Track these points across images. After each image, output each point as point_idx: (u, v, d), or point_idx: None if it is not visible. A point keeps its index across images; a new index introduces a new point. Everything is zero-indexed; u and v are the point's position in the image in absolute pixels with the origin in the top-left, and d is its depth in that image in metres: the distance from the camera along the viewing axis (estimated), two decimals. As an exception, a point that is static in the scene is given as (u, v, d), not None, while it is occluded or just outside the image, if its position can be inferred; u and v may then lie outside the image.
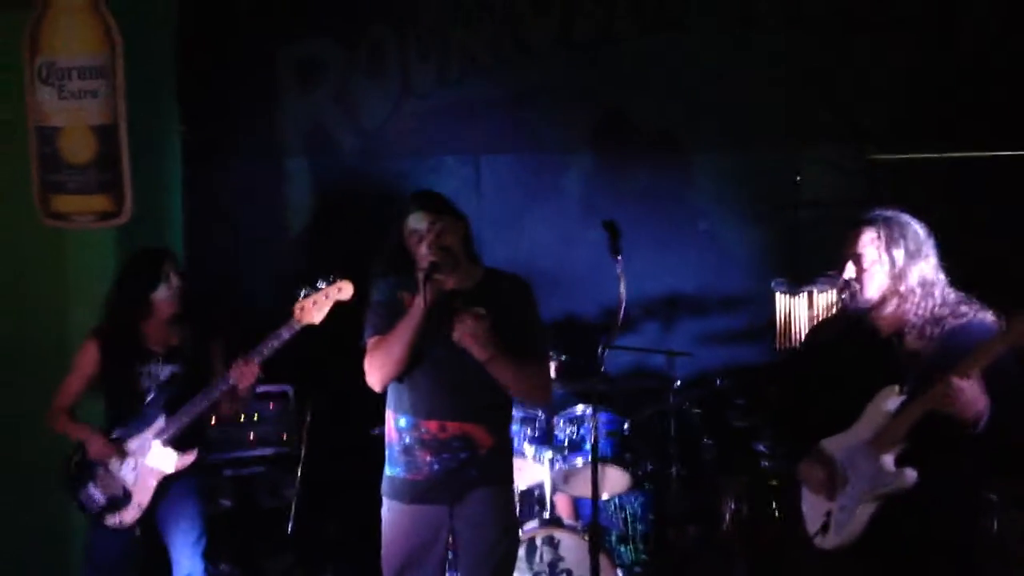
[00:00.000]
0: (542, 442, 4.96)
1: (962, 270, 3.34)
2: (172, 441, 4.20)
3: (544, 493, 4.85)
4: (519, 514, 4.39)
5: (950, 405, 2.99)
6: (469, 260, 3.65)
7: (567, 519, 4.89)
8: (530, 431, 4.98)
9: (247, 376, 4.12)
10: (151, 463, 4.21)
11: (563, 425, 5.01)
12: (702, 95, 5.61)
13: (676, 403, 5.19)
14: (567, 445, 4.95)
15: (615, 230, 3.67)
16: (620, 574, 4.65)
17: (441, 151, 5.88)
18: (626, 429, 5.07)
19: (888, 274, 3.23)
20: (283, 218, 6.00)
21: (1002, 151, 5.25)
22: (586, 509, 5.08)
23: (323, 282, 4.01)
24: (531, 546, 4.61)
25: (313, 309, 4.02)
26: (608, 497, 5.09)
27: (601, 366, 4.06)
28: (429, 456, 3.57)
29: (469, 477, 3.58)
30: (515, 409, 4.16)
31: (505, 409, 3.70)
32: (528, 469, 4.85)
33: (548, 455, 4.84)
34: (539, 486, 4.93)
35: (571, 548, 4.62)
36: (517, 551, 3.83)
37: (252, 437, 5.34)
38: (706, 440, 5.29)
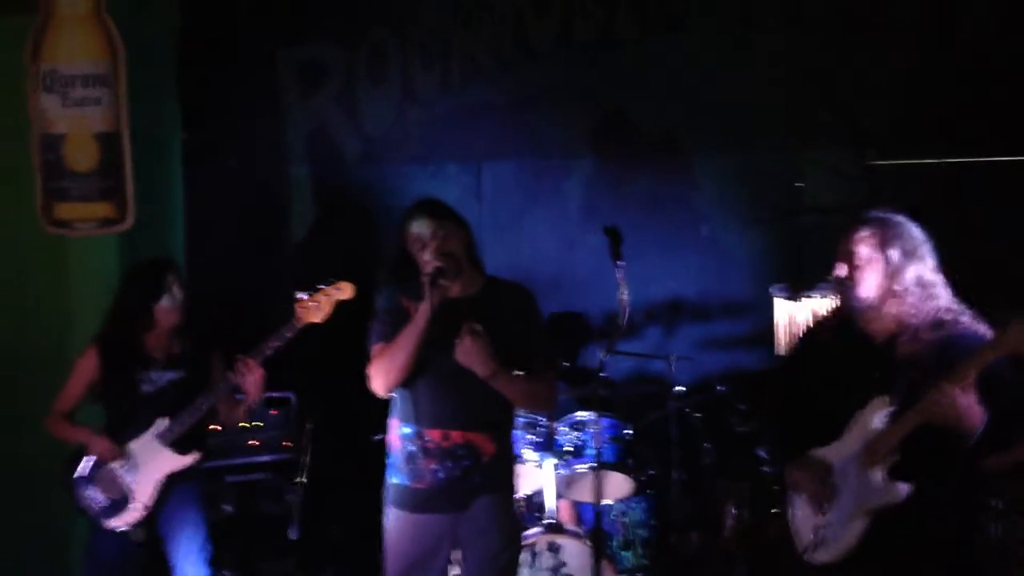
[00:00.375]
0: (544, 448, 4.96)
1: (962, 274, 3.32)
2: (173, 443, 4.22)
3: (546, 499, 4.85)
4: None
5: (943, 417, 2.95)
6: (472, 267, 3.66)
7: (569, 525, 4.89)
8: (532, 437, 4.98)
9: (253, 382, 4.13)
10: (152, 465, 4.21)
11: (565, 431, 5.01)
12: (703, 98, 5.61)
13: (677, 408, 5.19)
14: (569, 451, 4.95)
15: (616, 236, 3.68)
16: (622, 580, 4.65)
17: (443, 157, 5.89)
18: (628, 434, 5.07)
19: (882, 273, 3.18)
20: (285, 223, 6.01)
21: (1003, 155, 5.25)
22: (588, 515, 5.07)
23: (323, 284, 4.06)
24: (533, 552, 4.61)
25: (315, 308, 4.06)
26: (611, 503, 5.09)
27: (603, 371, 4.06)
28: (433, 464, 3.57)
29: (472, 485, 3.58)
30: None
31: (508, 417, 3.70)
32: (530, 475, 4.84)
33: (550, 461, 4.83)
34: (541, 492, 4.93)
35: (573, 554, 4.62)
36: (519, 558, 3.83)
37: (254, 443, 5.34)
38: (707, 445, 5.28)
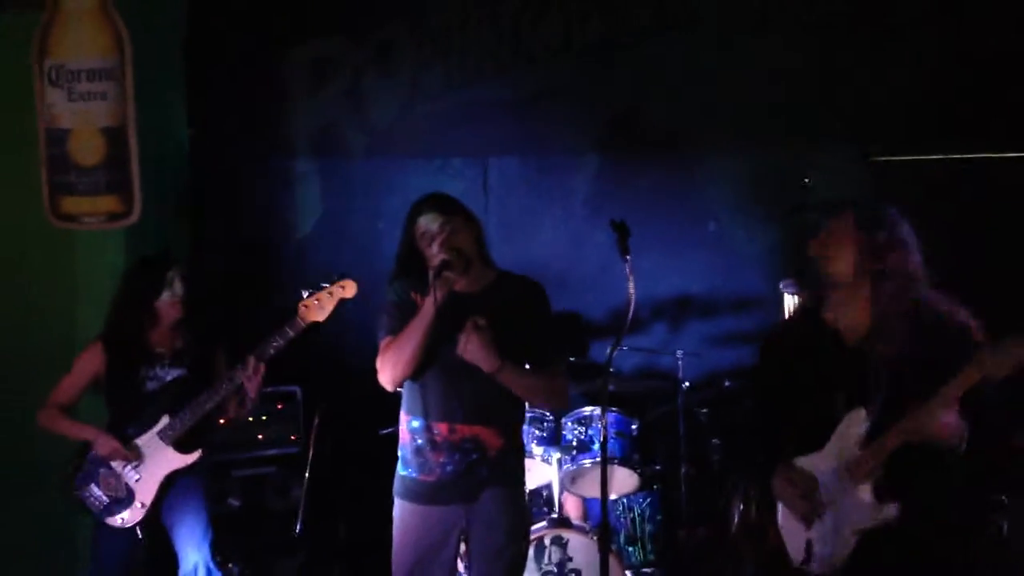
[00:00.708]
0: (550, 443, 4.97)
1: (966, 269, 3.30)
2: (176, 441, 4.22)
3: (552, 493, 4.85)
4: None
5: (925, 437, 2.93)
6: (482, 262, 3.65)
7: (576, 519, 4.89)
8: (538, 431, 4.99)
9: (254, 379, 4.13)
10: (155, 463, 4.23)
11: (571, 426, 5.02)
12: (709, 95, 5.61)
13: (685, 404, 5.19)
14: (575, 446, 4.96)
15: (624, 230, 3.67)
16: (628, 575, 4.64)
17: (449, 153, 5.88)
18: (634, 430, 5.07)
19: (860, 252, 3.11)
20: (292, 218, 6.01)
21: (1008, 151, 5.24)
22: (594, 509, 5.08)
23: (326, 282, 4.06)
24: (539, 546, 4.62)
25: (317, 307, 4.06)
26: (616, 498, 5.09)
27: (610, 367, 4.06)
28: (441, 457, 3.58)
29: (480, 478, 3.58)
30: (523, 410, 4.16)
31: (516, 411, 3.70)
32: (536, 469, 4.85)
33: (556, 455, 4.84)
34: (547, 486, 4.94)
35: (579, 548, 4.63)
36: (527, 553, 3.83)
37: (260, 438, 5.34)
38: (715, 441, 5.29)
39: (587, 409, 5.04)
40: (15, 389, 5.01)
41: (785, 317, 4.81)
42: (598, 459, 4.58)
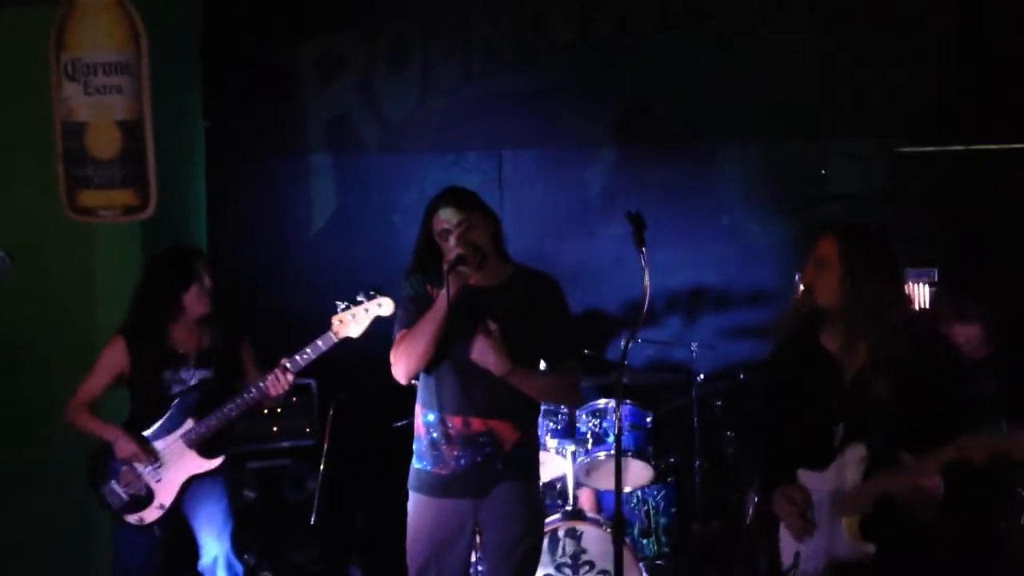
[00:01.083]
0: (564, 435, 4.97)
1: (985, 260, 3.28)
2: (199, 445, 4.19)
3: (567, 486, 4.86)
4: (541, 507, 4.40)
5: (907, 496, 2.93)
6: (499, 258, 3.66)
7: (590, 512, 4.90)
8: (552, 424, 4.99)
9: (279, 387, 4.09)
10: (177, 466, 4.19)
11: (585, 418, 5.02)
12: (725, 87, 5.59)
13: (699, 396, 5.19)
14: (590, 438, 4.96)
15: (640, 222, 3.67)
16: (642, 567, 4.65)
17: (464, 146, 5.89)
18: (649, 422, 5.07)
19: (839, 282, 3.05)
20: (306, 212, 6.02)
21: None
22: (608, 502, 5.08)
23: (363, 296, 3.96)
24: (553, 538, 4.62)
25: (352, 322, 3.97)
26: (631, 490, 5.09)
27: (624, 359, 4.06)
28: (455, 451, 3.58)
29: (494, 471, 3.58)
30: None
31: (531, 405, 3.69)
32: (551, 462, 4.86)
33: (571, 448, 4.84)
34: (561, 479, 4.94)
35: (593, 540, 4.63)
36: (541, 546, 3.83)
37: (276, 430, 5.36)
38: (729, 433, 5.28)
39: (601, 401, 5.04)
40: (34, 382, 5.04)
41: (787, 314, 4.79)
42: (612, 451, 4.58)
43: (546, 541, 4.53)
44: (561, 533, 4.65)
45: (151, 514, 4.19)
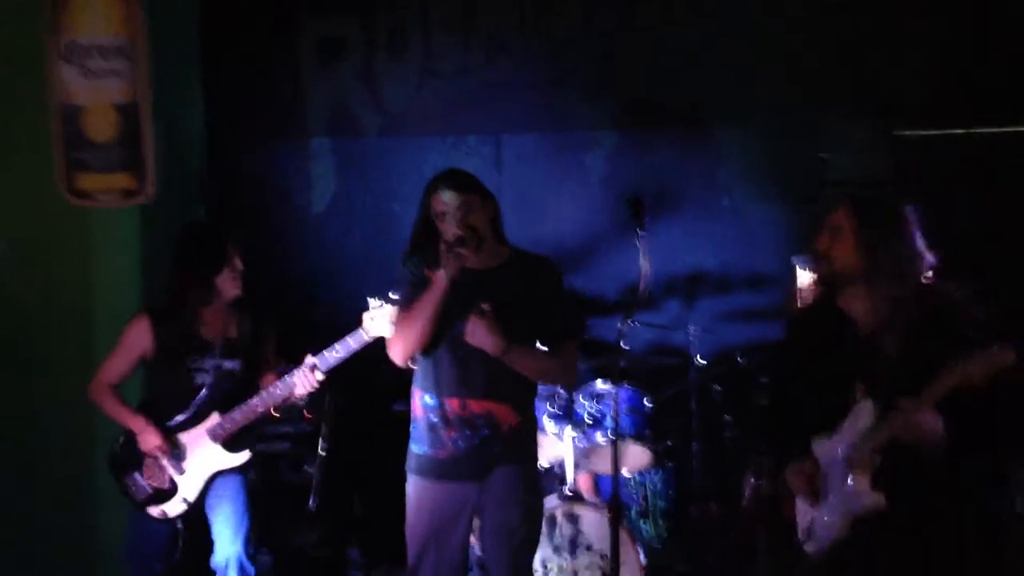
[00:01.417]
0: (562, 418, 4.96)
1: (989, 244, 3.28)
2: (224, 439, 4.12)
3: (565, 469, 4.85)
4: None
5: (905, 435, 2.97)
6: (497, 240, 3.66)
7: (588, 495, 4.90)
8: (550, 407, 4.98)
9: (306, 384, 4.03)
10: (201, 460, 4.12)
11: (584, 401, 5.01)
12: (726, 70, 5.57)
13: (698, 380, 5.18)
14: (588, 421, 4.96)
15: (639, 206, 3.67)
16: (640, 550, 4.65)
17: (464, 131, 5.87)
18: (647, 406, 5.07)
19: (854, 249, 3.15)
20: (305, 196, 6.01)
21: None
22: (607, 485, 5.08)
23: (395, 293, 3.80)
24: (551, 521, 4.63)
25: (383, 320, 3.87)
26: (629, 474, 5.09)
27: (622, 342, 4.05)
28: (453, 433, 3.59)
29: (492, 454, 3.59)
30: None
31: (529, 388, 3.70)
32: (549, 445, 4.85)
33: (569, 431, 4.84)
34: (559, 462, 4.94)
35: (591, 524, 4.64)
36: (540, 529, 3.84)
37: (275, 413, 5.35)
38: (727, 417, 5.28)
39: (600, 384, 5.04)
40: (30, 366, 5.03)
41: (796, 288, 4.80)
42: (610, 435, 4.58)
43: (544, 524, 4.53)
44: (559, 516, 4.65)
45: (175, 507, 4.12)
